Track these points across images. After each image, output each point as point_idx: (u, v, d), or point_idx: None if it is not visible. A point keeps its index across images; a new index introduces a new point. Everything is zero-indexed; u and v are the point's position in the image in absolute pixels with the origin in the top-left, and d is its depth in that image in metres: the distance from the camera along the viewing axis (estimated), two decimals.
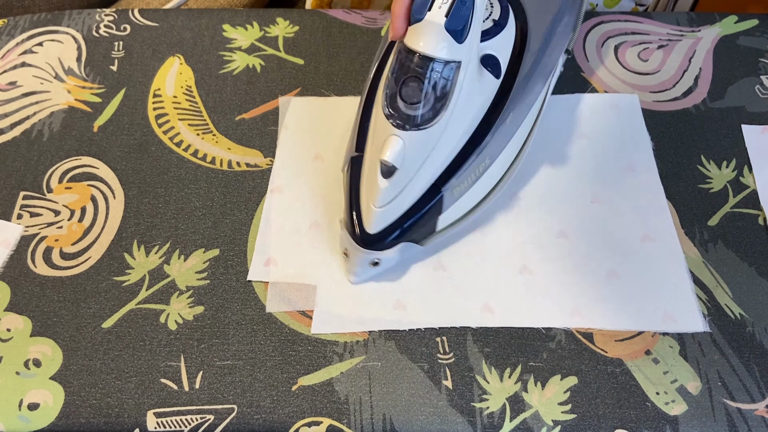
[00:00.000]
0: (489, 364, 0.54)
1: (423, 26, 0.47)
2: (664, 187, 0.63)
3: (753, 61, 0.71)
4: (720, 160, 0.65)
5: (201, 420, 0.51)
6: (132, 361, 0.54)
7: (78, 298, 0.56)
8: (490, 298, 0.57)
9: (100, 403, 0.52)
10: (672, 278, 0.58)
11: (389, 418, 0.52)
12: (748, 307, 0.57)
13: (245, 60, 0.71)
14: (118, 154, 0.65)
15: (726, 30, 0.74)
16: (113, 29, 0.73)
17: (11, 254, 0.58)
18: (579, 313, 0.56)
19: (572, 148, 0.65)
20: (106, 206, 0.61)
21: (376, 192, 0.52)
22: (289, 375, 0.53)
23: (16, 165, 0.64)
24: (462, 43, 0.48)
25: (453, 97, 0.50)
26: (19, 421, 0.51)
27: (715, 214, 0.62)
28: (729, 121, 0.67)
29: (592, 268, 0.58)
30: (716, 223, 0.61)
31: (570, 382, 0.53)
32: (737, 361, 0.54)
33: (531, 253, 0.59)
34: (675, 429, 0.51)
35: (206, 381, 0.53)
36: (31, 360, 0.53)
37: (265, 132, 0.67)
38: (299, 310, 0.56)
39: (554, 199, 0.62)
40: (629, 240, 0.60)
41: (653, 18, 0.75)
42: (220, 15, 0.74)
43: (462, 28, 0.47)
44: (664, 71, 0.71)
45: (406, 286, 0.57)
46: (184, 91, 0.69)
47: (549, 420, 0.51)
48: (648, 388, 0.53)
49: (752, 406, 0.52)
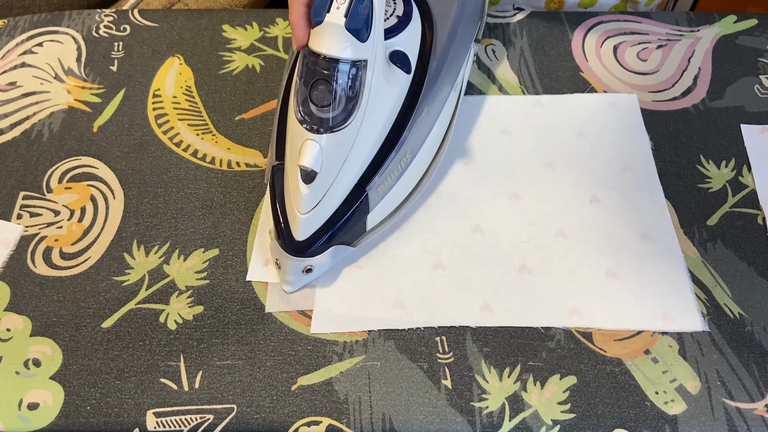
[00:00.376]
0: (488, 364, 0.54)
1: (324, 28, 0.47)
2: (663, 186, 0.63)
3: (752, 61, 0.71)
4: (719, 159, 0.65)
5: (201, 420, 0.51)
6: (132, 360, 0.54)
7: (78, 297, 0.56)
8: (489, 297, 0.57)
9: (100, 403, 0.52)
10: (671, 278, 0.58)
11: (389, 417, 0.52)
12: (747, 307, 0.57)
13: (245, 60, 0.71)
14: (117, 154, 0.65)
15: (725, 30, 0.74)
16: (113, 29, 0.73)
17: (11, 254, 0.58)
18: (578, 312, 0.56)
19: (571, 148, 0.65)
20: (105, 206, 0.61)
21: (299, 198, 0.52)
22: (289, 375, 0.53)
23: (15, 165, 0.64)
24: (365, 41, 0.48)
25: (364, 96, 0.50)
26: (18, 421, 0.51)
27: (713, 214, 0.62)
28: (728, 121, 0.67)
29: (592, 268, 0.58)
30: (715, 222, 0.61)
31: (569, 381, 0.53)
32: (736, 360, 0.54)
33: (530, 252, 0.59)
34: (674, 428, 0.51)
35: (206, 381, 0.53)
36: (30, 360, 0.53)
37: (265, 132, 0.67)
38: (299, 309, 0.56)
39: (553, 199, 0.62)
40: (628, 239, 0.60)
41: (652, 18, 0.75)
42: (220, 15, 0.75)
43: (363, 26, 0.47)
44: (663, 71, 0.71)
45: (405, 286, 0.57)
46: (184, 91, 0.69)
47: (548, 419, 0.51)
48: (647, 387, 0.53)
49: (751, 405, 0.52)
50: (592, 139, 0.66)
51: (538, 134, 0.65)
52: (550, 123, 0.66)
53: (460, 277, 0.58)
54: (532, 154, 0.64)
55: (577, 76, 0.70)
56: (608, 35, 0.74)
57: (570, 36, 0.73)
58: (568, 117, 0.67)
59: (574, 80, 0.70)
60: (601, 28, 0.74)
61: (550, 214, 0.61)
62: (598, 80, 0.70)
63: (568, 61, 0.71)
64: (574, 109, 0.68)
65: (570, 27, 0.74)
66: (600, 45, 0.73)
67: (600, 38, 0.73)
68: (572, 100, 0.68)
